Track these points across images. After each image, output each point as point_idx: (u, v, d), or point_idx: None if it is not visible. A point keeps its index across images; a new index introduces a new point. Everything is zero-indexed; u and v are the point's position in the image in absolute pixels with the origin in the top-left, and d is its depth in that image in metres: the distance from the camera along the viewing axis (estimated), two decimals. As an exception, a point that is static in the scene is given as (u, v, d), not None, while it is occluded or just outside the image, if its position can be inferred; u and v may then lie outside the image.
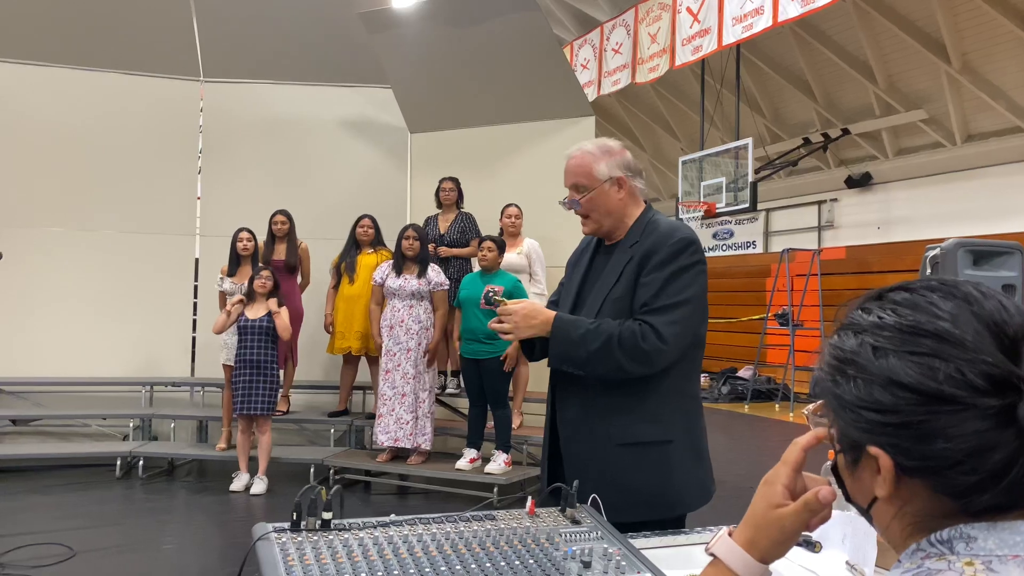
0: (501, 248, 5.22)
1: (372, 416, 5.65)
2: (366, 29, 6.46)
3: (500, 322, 2.02)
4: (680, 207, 11.36)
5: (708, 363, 13.62)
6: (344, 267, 5.95)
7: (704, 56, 10.17)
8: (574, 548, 1.36)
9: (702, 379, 13.14)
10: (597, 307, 2.00)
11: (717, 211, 10.83)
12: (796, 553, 1.53)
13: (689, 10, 10.17)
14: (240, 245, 5.87)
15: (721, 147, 11.08)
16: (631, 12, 11.41)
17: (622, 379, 1.94)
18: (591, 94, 11.74)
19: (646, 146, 16.00)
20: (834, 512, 1.62)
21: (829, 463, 0.82)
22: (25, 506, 4.87)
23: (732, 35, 9.45)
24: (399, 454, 5.44)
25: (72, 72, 6.60)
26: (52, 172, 6.53)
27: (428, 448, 5.36)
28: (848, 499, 0.79)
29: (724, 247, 15.12)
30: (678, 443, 1.97)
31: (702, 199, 11.00)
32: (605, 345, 1.89)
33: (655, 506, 1.92)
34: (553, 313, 1.99)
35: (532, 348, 2.11)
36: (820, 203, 13.35)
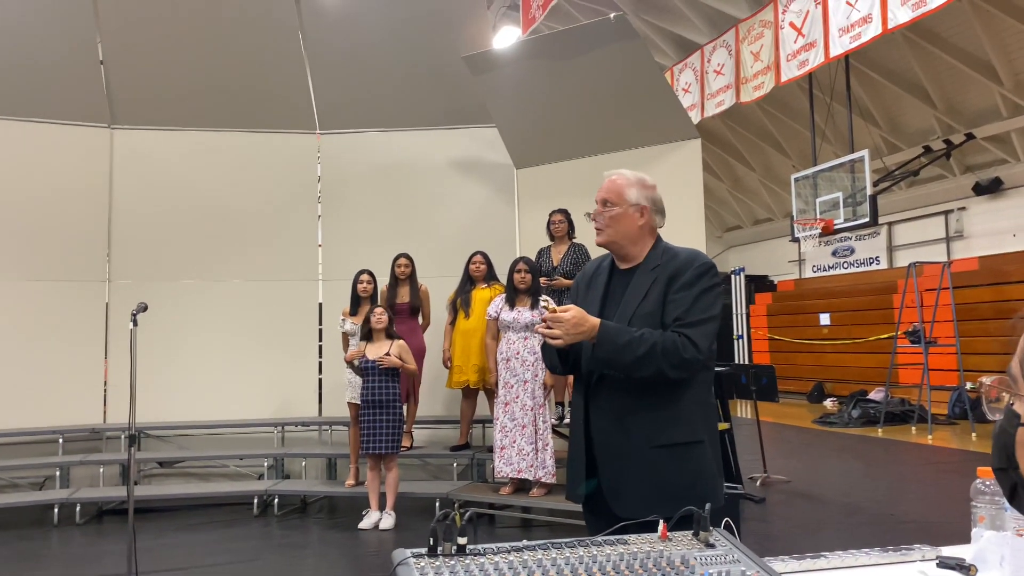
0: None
1: (492, 449, 5.70)
2: (470, 72, 6.64)
3: (549, 327, 2.16)
4: (795, 225, 11.02)
5: (836, 386, 13.06)
6: (459, 303, 6.07)
7: (811, 70, 9.91)
8: (711, 571, 1.34)
9: (830, 402, 12.64)
10: (626, 321, 2.19)
11: (836, 227, 10.44)
12: (950, 576, 1.45)
13: (792, 25, 9.95)
14: (360, 287, 6.09)
15: (835, 161, 10.71)
16: (731, 32, 11.27)
17: (652, 387, 2.14)
18: (695, 117, 11.62)
19: (755, 165, 15.64)
20: (989, 533, 1.52)
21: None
22: (173, 543, 5.16)
23: (840, 46, 9.17)
24: (521, 486, 5.46)
25: (202, 134, 7.08)
26: (186, 228, 6.99)
27: (550, 480, 5.36)
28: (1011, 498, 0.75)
29: (845, 264, 14.52)
30: (705, 444, 2.19)
31: (818, 216, 10.64)
32: (650, 351, 2.10)
33: (690, 501, 1.97)
34: (598, 320, 2.16)
35: (565, 358, 2.30)
36: (947, 213, 12.68)
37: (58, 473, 6.07)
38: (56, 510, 5.64)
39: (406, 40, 6.93)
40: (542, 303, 2.24)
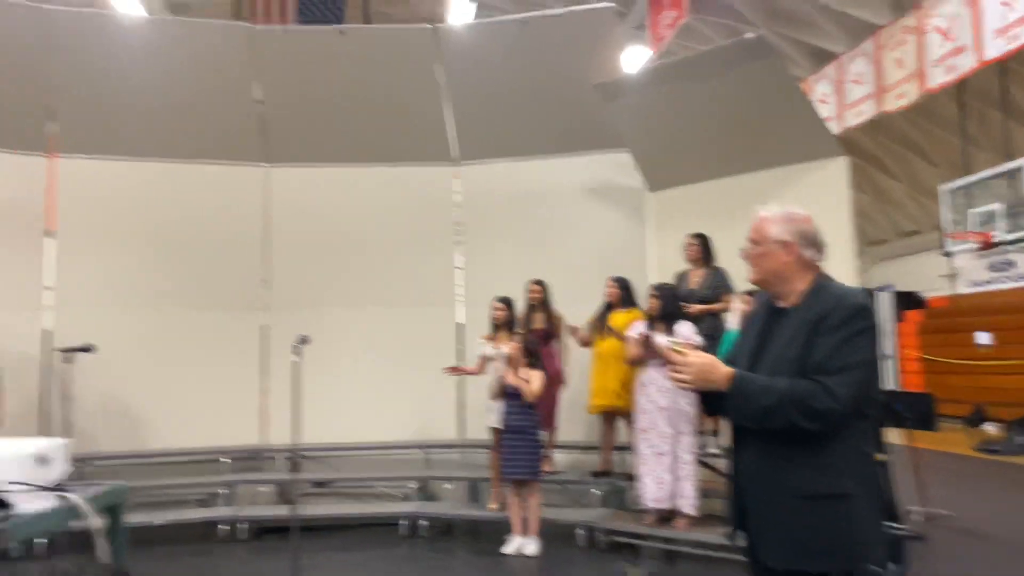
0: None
1: (633, 477, 5.65)
2: (602, 98, 6.67)
3: (676, 371, 2.16)
4: (946, 239, 10.38)
5: (998, 410, 12.11)
6: (597, 328, 6.08)
7: (962, 76, 9.33)
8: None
9: (992, 428, 11.73)
10: (773, 367, 2.13)
11: (995, 240, 9.75)
12: None
13: (939, 30, 9.42)
14: (495, 314, 6.21)
15: (990, 171, 10.02)
16: (871, 40, 10.78)
17: (798, 435, 2.05)
18: (833, 128, 11.17)
19: (901, 176, 14.85)
20: None
21: None
22: (330, 563, 5.39)
23: (995, 49, 8.59)
24: (665, 516, 5.37)
25: (346, 169, 7.43)
26: (333, 258, 7.34)
27: (692, 512, 5.25)
28: None
29: (1004, 279, 13.51)
30: (857, 498, 2.06)
31: (974, 228, 9.97)
32: (780, 402, 2.03)
33: (835, 557, 2.02)
34: (730, 370, 2.13)
35: (708, 400, 2.24)
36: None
37: (222, 491, 6.46)
38: (222, 527, 6.02)
39: (539, 69, 7.04)
40: (670, 343, 2.22)
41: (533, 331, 6.21)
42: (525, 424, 5.51)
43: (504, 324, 6.20)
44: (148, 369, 6.84)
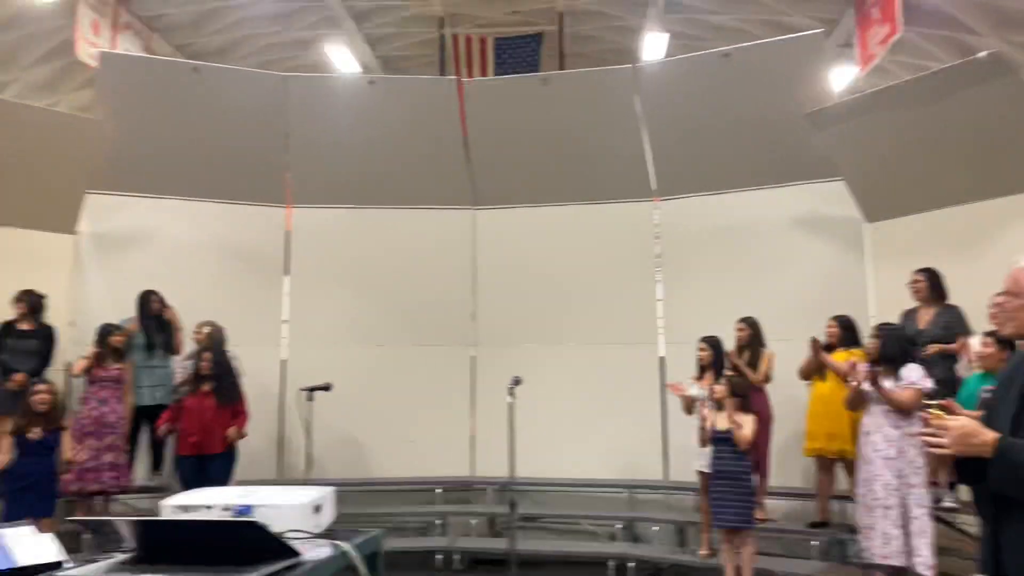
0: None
1: (854, 529, 5.31)
2: (813, 127, 6.42)
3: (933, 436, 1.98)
4: None
5: None
6: (815, 368, 5.82)
7: None
8: None
9: None
10: None
11: None
12: None
13: None
14: (700, 355, 6.10)
15: None
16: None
17: None
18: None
19: None
20: None
21: None
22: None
23: None
24: (894, 573, 5.00)
25: (549, 209, 7.62)
26: (537, 296, 7.52)
27: (928, 573, 4.83)
28: None
29: None
30: None
31: None
32: None
33: None
34: (995, 435, 1.93)
35: (968, 468, 2.02)
36: None
37: (438, 521, 6.78)
38: (438, 557, 6.31)
39: (743, 100, 6.89)
40: (924, 406, 2.06)
41: (737, 371, 6.03)
42: (736, 470, 5.34)
43: (710, 365, 6.07)
44: (369, 401, 7.31)
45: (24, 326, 6.29)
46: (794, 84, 6.68)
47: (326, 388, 5.74)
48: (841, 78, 10.89)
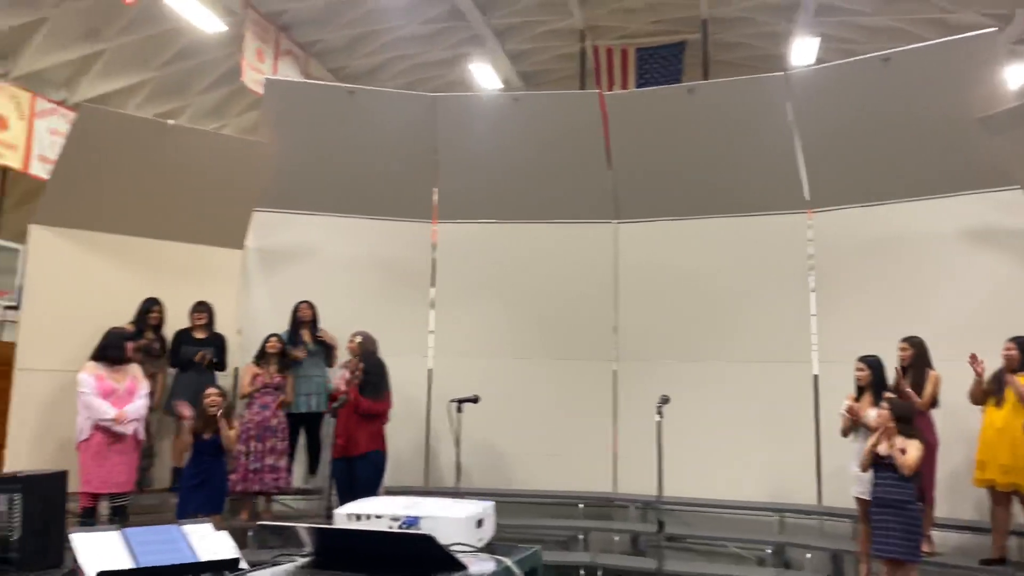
0: None
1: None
2: (986, 132, 5.98)
3: None
4: None
5: None
6: (991, 392, 5.42)
7: None
8: None
9: None
10: None
11: None
12: None
13: None
14: (857, 375, 5.80)
15: None
16: None
17: None
18: None
19: None
20: None
21: None
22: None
23: None
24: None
25: (692, 222, 7.47)
26: (680, 311, 7.38)
27: None
28: None
29: None
30: None
31: None
32: None
33: None
34: None
35: None
36: None
37: (580, 536, 6.77)
38: (581, 572, 6.30)
39: (904, 105, 6.52)
40: None
41: (902, 395, 5.68)
42: (900, 498, 5.01)
43: (869, 386, 5.76)
44: (511, 413, 7.39)
45: (199, 335, 6.81)
46: (964, 86, 6.25)
47: (474, 400, 5.87)
48: (1016, 78, 10.10)
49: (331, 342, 7.13)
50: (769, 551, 6.36)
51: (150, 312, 6.64)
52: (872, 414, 5.46)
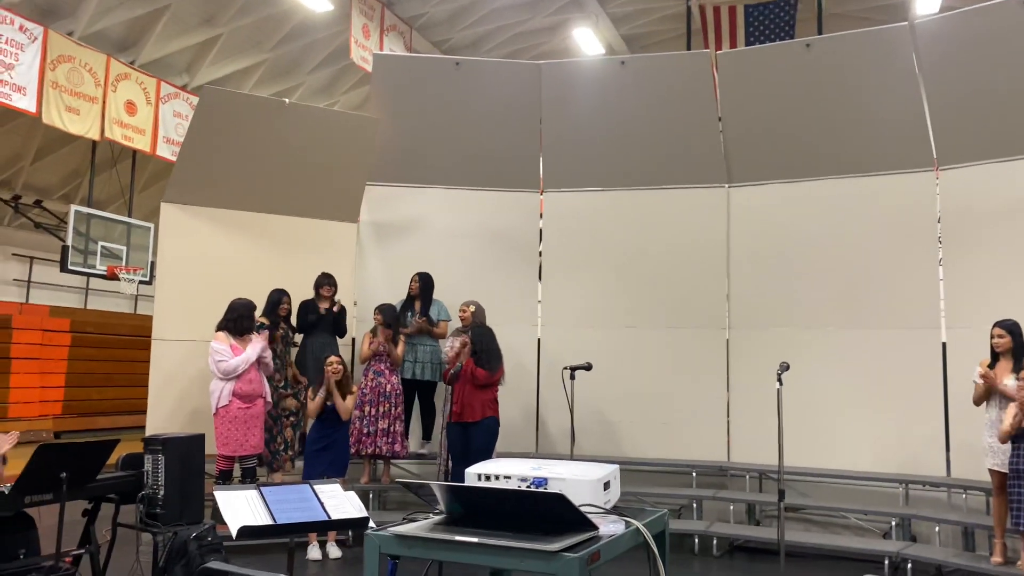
0: None
1: None
2: None
3: None
4: None
5: None
6: None
7: None
8: None
9: None
10: None
11: None
12: None
13: None
14: (994, 342, 5.48)
15: None
16: None
17: None
18: None
19: None
20: None
21: None
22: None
23: None
24: None
25: (810, 183, 7.19)
26: (794, 276, 7.15)
27: None
28: None
29: None
30: None
31: None
32: None
33: None
34: None
35: None
36: None
37: (694, 505, 6.73)
38: (695, 540, 6.27)
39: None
40: None
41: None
42: (1041, 472, 4.76)
43: (1007, 352, 5.43)
44: (622, 381, 7.40)
45: (324, 305, 7.06)
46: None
47: (587, 368, 5.89)
48: None
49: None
50: (894, 523, 6.14)
51: (280, 304, 6.80)
52: (1011, 383, 5.16)
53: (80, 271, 12.34)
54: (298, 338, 7.10)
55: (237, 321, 6.24)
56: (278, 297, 6.82)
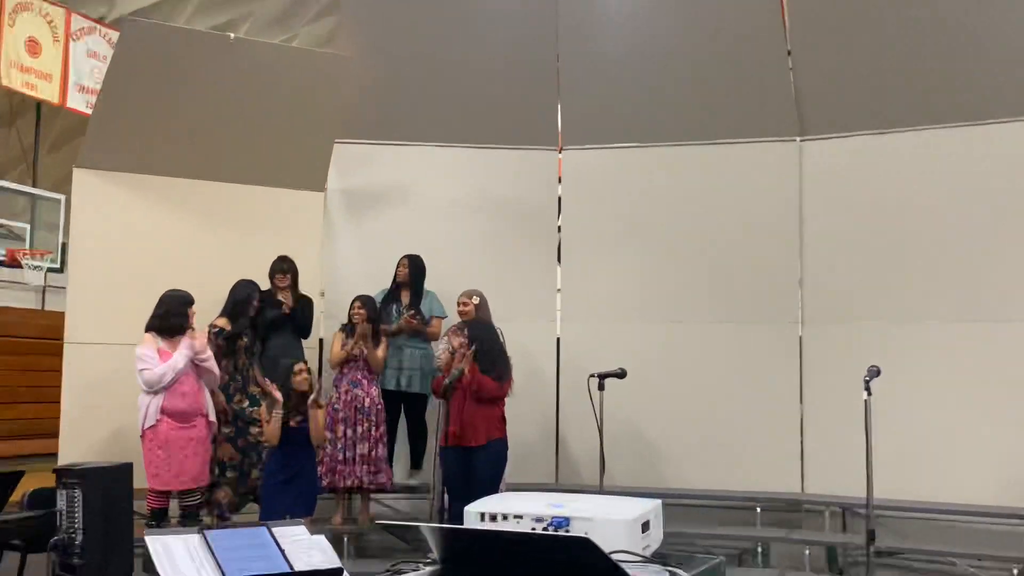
0: None
1: None
2: None
3: None
4: None
5: None
6: None
7: None
8: None
9: None
10: None
11: None
12: None
13: None
14: None
15: None
16: None
17: None
18: None
19: None
20: None
21: None
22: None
23: None
24: None
25: (904, 135, 7.13)
26: (888, 255, 7.09)
27: None
28: None
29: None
30: None
31: None
32: None
33: None
34: None
35: None
36: None
37: (759, 549, 6.73)
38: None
39: None
40: None
41: None
42: None
43: None
44: (664, 391, 7.39)
45: (282, 297, 7.04)
46: None
47: (621, 375, 5.88)
48: None
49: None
50: (1016, 570, 6.12)
51: (249, 301, 6.71)
52: None
53: (-32, 258, 12.37)
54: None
55: (164, 318, 6.17)
56: (246, 293, 6.71)
